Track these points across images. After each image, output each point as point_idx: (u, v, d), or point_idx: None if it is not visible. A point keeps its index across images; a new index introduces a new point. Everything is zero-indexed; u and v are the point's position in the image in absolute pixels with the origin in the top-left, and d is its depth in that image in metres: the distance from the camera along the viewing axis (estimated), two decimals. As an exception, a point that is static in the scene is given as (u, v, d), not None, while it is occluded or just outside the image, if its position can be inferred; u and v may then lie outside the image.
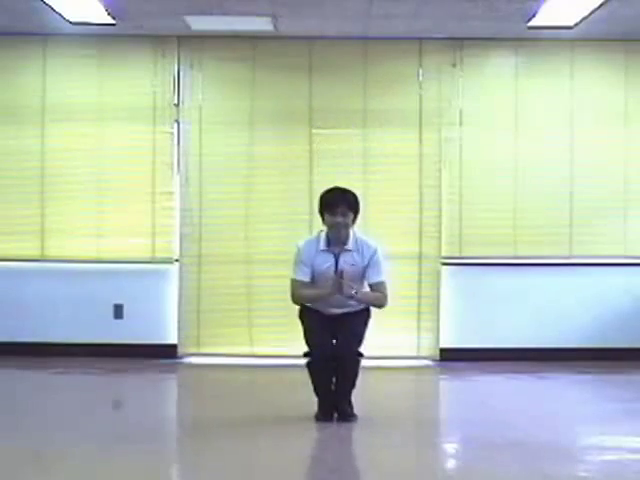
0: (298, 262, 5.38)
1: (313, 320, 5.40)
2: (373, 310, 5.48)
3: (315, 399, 5.41)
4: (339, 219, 5.27)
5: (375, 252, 5.37)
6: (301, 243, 5.47)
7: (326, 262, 5.35)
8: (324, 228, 5.44)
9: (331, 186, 5.46)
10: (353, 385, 5.35)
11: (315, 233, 5.59)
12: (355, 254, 5.35)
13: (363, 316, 5.45)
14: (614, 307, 7.79)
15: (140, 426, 5.48)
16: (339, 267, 5.27)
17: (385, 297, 5.40)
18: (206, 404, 6.25)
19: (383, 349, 7.34)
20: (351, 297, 5.26)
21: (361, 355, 5.34)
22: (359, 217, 5.46)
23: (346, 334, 5.31)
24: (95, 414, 5.84)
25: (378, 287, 5.39)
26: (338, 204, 5.28)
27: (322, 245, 5.38)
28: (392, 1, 6.64)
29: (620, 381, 7.12)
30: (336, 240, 5.35)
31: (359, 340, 5.36)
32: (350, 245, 5.36)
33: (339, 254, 5.35)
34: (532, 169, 7.80)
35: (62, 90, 7.80)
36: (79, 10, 6.87)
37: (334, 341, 5.32)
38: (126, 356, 7.59)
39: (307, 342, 5.36)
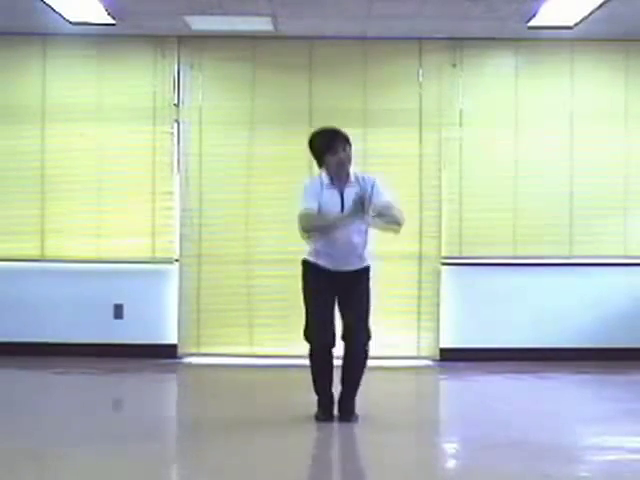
0: (307, 194, 5.35)
1: (316, 296, 5.35)
2: (373, 311, 5.44)
3: (315, 398, 5.41)
4: (342, 154, 5.31)
5: (375, 180, 5.41)
6: (307, 181, 5.52)
7: (332, 197, 5.33)
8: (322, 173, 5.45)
9: (315, 130, 5.53)
10: (360, 379, 5.34)
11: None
12: (357, 187, 5.32)
13: (366, 290, 5.41)
14: (614, 307, 7.79)
15: (140, 426, 5.48)
16: (344, 200, 5.27)
17: (401, 211, 5.43)
18: (206, 404, 6.25)
19: (383, 349, 7.33)
20: (379, 214, 5.17)
21: (369, 337, 5.31)
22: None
23: (353, 321, 5.29)
24: (95, 414, 5.84)
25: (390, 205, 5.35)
26: (337, 141, 5.33)
27: (326, 181, 5.38)
28: (392, 1, 6.64)
29: (620, 381, 7.12)
30: (340, 176, 5.36)
31: (367, 326, 5.32)
32: (352, 179, 5.39)
33: (343, 189, 5.35)
34: (532, 169, 7.80)
35: (62, 90, 7.80)
36: (79, 10, 6.86)
37: (338, 329, 5.30)
38: (126, 356, 7.59)
39: (307, 327, 5.35)
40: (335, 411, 5.41)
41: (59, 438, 5.11)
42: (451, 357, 7.69)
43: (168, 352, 7.73)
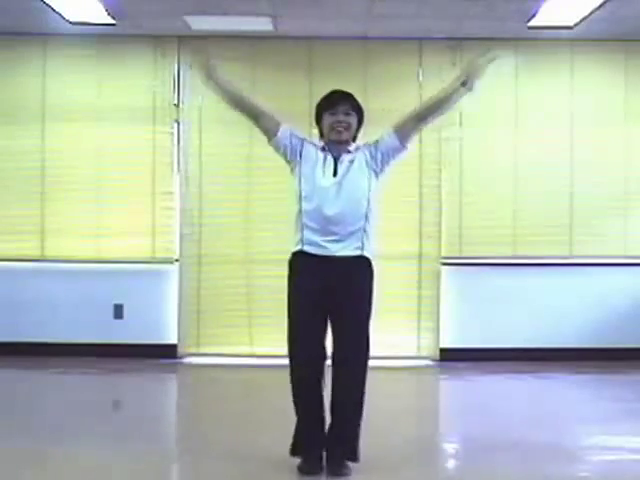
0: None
1: (299, 297, 4.45)
2: (373, 311, 5.35)
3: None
4: (341, 117, 4.54)
5: (369, 143, 4.62)
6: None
7: (324, 161, 4.51)
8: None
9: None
10: (358, 412, 4.42)
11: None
12: (354, 153, 4.55)
13: (366, 295, 4.48)
14: (614, 307, 7.79)
15: (140, 426, 5.49)
16: (338, 167, 4.48)
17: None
18: (206, 404, 6.25)
19: (383, 349, 7.32)
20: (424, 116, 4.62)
21: (367, 357, 4.44)
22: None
23: (346, 343, 4.39)
24: (95, 414, 5.84)
25: (398, 124, 4.71)
26: (340, 102, 4.61)
27: (321, 145, 4.60)
28: (392, 1, 6.64)
29: (620, 381, 7.12)
30: (336, 143, 4.53)
31: (364, 351, 4.43)
32: (352, 148, 4.59)
33: (339, 156, 4.52)
34: (532, 169, 7.80)
35: (62, 90, 7.80)
36: (79, 10, 6.86)
37: (328, 341, 4.43)
38: (126, 356, 7.59)
39: (290, 341, 4.50)
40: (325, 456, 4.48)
41: (59, 438, 5.11)
42: (451, 357, 7.69)
43: (168, 352, 7.73)
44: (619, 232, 7.83)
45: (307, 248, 4.45)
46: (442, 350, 7.76)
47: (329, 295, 4.39)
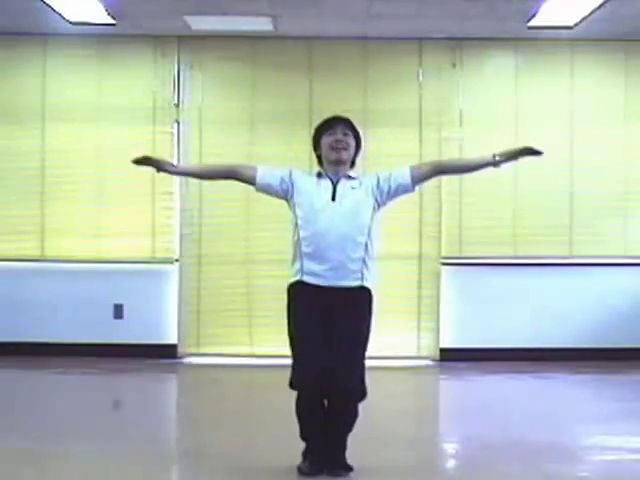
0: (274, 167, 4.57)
1: (301, 324, 4.38)
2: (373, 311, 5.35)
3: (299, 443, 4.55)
4: (340, 136, 4.43)
5: (378, 173, 4.54)
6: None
7: (321, 187, 4.41)
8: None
9: None
10: (350, 428, 4.45)
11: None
12: (356, 181, 4.46)
13: (364, 323, 4.41)
14: (614, 307, 7.78)
15: (140, 426, 5.49)
16: (337, 192, 4.37)
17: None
18: (206, 404, 6.25)
19: (383, 349, 7.33)
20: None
21: (364, 395, 4.40)
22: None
23: (344, 360, 4.30)
24: (95, 414, 5.84)
25: (416, 166, 4.63)
26: (338, 123, 4.47)
27: (317, 172, 4.50)
28: (392, 1, 6.64)
29: (620, 381, 7.12)
30: (334, 160, 4.43)
31: (359, 376, 4.36)
32: (353, 174, 4.50)
33: (338, 180, 4.43)
34: (532, 169, 7.78)
35: (62, 90, 7.80)
36: (79, 10, 6.86)
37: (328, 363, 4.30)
38: (126, 356, 7.59)
39: (294, 365, 4.39)
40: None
41: (59, 438, 5.11)
42: (451, 357, 7.69)
43: (168, 352, 7.73)
44: (619, 232, 7.83)
45: (306, 278, 4.36)
46: (442, 350, 7.76)
47: (328, 324, 4.32)
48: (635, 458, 4.87)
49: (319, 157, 4.56)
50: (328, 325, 4.32)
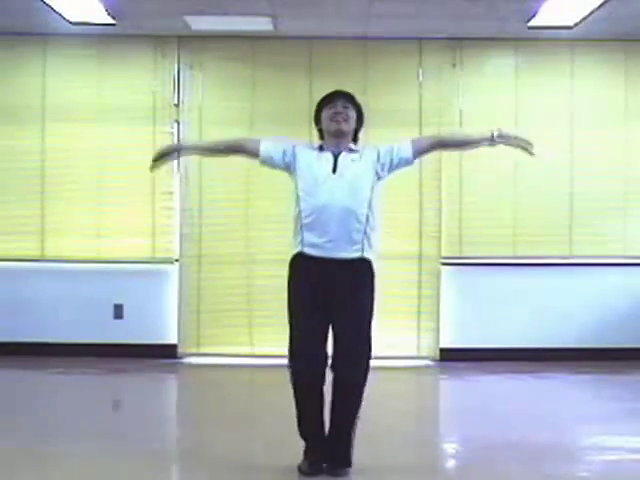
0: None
1: (300, 299, 4.41)
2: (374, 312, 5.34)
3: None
4: (340, 109, 4.48)
5: (378, 146, 4.56)
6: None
7: (322, 160, 4.44)
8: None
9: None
10: (354, 420, 4.42)
11: None
12: (357, 153, 4.49)
13: (367, 298, 4.42)
14: (614, 307, 7.78)
15: (140, 426, 5.49)
16: (338, 165, 4.41)
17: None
18: (206, 404, 6.25)
19: (383, 349, 7.32)
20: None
21: (369, 361, 4.42)
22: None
23: (346, 348, 4.34)
24: (95, 414, 5.84)
25: (416, 139, 4.65)
26: (339, 97, 4.57)
27: (317, 145, 4.56)
28: (392, 1, 6.64)
29: (620, 381, 7.12)
30: (334, 132, 4.47)
31: (365, 355, 4.40)
32: (354, 147, 4.54)
33: (339, 153, 4.46)
34: (532, 169, 7.79)
35: (62, 90, 7.80)
36: (79, 10, 6.86)
37: (330, 349, 4.39)
38: (126, 356, 7.59)
39: (291, 344, 4.46)
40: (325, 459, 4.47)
41: (59, 438, 5.12)
42: (451, 357, 7.69)
43: (168, 352, 7.73)
44: (619, 232, 7.83)
45: (307, 250, 4.39)
46: (442, 350, 7.76)
47: (329, 297, 4.34)
48: (635, 458, 4.88)
49: (320, 131, 4.59)
50: (329, 298, 4.34)
